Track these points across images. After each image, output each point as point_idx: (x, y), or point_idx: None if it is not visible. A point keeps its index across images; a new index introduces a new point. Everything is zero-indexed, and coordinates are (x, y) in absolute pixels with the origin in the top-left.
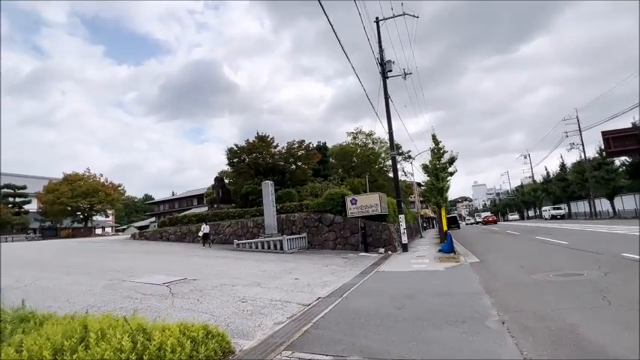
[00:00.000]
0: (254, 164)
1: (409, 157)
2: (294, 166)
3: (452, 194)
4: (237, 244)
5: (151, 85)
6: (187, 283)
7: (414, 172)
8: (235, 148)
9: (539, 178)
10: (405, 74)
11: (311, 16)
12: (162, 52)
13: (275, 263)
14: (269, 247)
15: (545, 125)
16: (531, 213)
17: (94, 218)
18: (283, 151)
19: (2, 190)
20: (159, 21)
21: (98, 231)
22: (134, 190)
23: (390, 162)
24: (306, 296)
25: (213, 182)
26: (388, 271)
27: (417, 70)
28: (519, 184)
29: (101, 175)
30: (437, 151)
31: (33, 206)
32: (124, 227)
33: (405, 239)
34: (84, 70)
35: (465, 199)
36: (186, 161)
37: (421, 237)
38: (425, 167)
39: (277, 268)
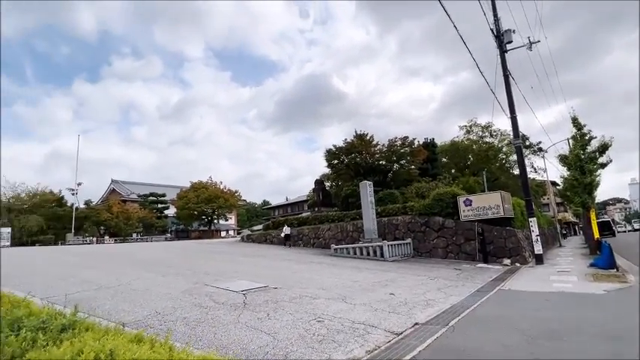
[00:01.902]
0: (353, 165)
1: (540, 149)
2: (396, 166)
3: (600, 194)
4: (335, 249)
5: (269, 101)
6: (266, 292)
7: (546, 168)
8: (334, 149)
9: None
10: (531, 43)
11: (415, 16)
12: (277, 71)
13: (371, 272)
14: (368, 254)
15: None
16: None
17: (220, 222)
18: (384, 149)
19: (149, 198)
20: (274, 43)
21: (223, 233)
22: (255, 197)
23: (513, 157)
24: (398, 320)
25: (314, 186)
26: (517, 291)
27: (544, 53)
28: None
29: (221, 182)
30: (580, 138)
31: (171, 211)
32: (242, 230)
33: (538, 248)
34: (216, 94)
35: (618, 200)
36: (300, 169)
37: (560, 246)
38: (563, 159)
39: (372, 279)
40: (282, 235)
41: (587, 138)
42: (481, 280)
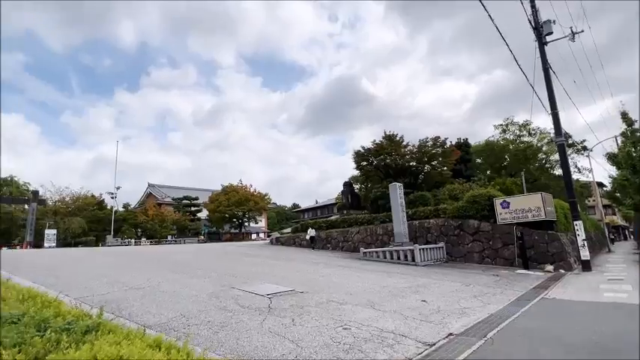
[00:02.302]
0: (383, 166)
1: (584, 148)
2: (428, 167)
3: None
4: (364, 253)
5: (299, 106)
6: (292, 297)
7: (592, 168)
8: (362, 151)
9: None
10: (574, 34)
11: (446, 15)
12: (307, 76)
13: (402, 277)
14: (398, 258)
15: None
16: None
17: (251, 224)
18: (414, 150)
19: (183, 201)
20: (303, 49)
21: (253, 236)
22: (285, 200)
23: (554, 156)
24: (431, 330)
25: (342, 188)
26: (563, 300)
27: (588, 46)
28: None
29: (250, 185)
30: (631, 134)
31: (204, 214)
32: (272, 233)
33: (585, 254)
34: (247, 100)
35: None
36: (329, 172)
37: (609, 251)
38: (612, 157)
39: (402, 284)
40: (308, 237)
41: (638, 134)
42: (521, 288)
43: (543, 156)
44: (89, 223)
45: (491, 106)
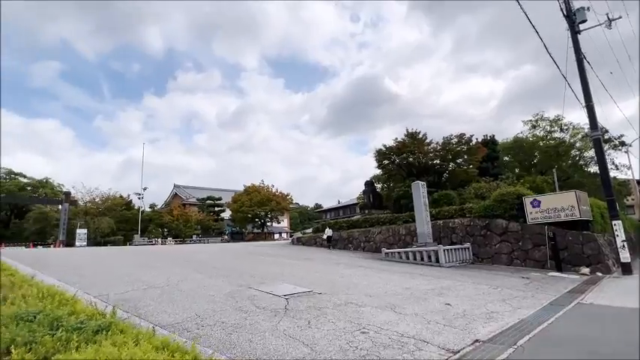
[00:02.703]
0: (405, 165)
1: (622, 144)
2: (452, 165)
3: None
4: (386, 254)
5: (320, 106)
6: (310, 298)
7: (631, 165)
8: (384, 149)
9: None
10: (610, 20)
11: (471, 11)
12: (329, 76)
13: (425, 279)
14: (422, 259)
15: None
16: None
17: (273, 224)
18: (438, 147)
19: (206, 202)
20: (325, 49)
21: (276, 236)
22: (308, 200)
23: (589, 152)
24: (455, 335)
25: (363, 187)
26: (601, 306)
27: (626, 34)
28: None
29: (272, 185)
30: None
31: (227, 214)
32: (295, 233)
33: (625, 256)
34: (270, 101)
35: None
36: (352, 172)
37: None
38: None
39: (426, 286)
40: (325, 237)
41: None
42: (554, 291)
43: (577, 152)
44: (117, 222)
45: (518, 103)
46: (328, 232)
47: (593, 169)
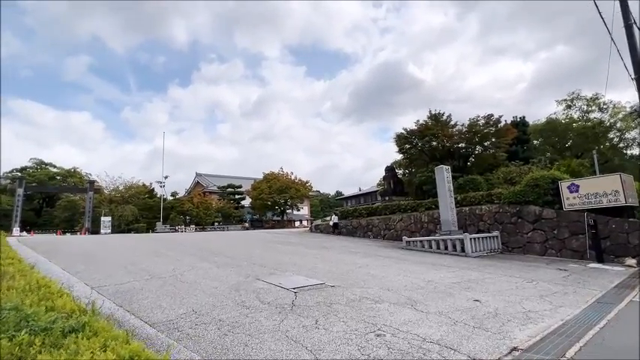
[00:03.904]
0: (428, 149)
1: None
2: (479, 148)
3: None
4: (407, 242)
5: (343, 93)
6: (320, 291)
7: None
8: (405, 133)
9: None
10: None
11: None
12: (350, 63)
13: (450, 271)
14: (446, 248)
15: None
16: None
17: (293, 212)
18: (464, 130)
19: (227, 189)
20: (347, 36)
21: (297, 223)
22: (330, 188)
23: (632, 133)
24: (487, 341)
25: (384, 173)
26: None
27: None
28: None
29: (292, 172)
30: None
31: (248, 202)
32: (315, 220)
33: None
34: (292, 90)
35: None
36: (374, 159)
37: None
38: None
39: (450, 279)
40: (331, 223)
41: None
42: (599, 286)
43: (617, 133)
44: (141, 210)
45: (550, 86)
46: (334, 218)
47: (636, 151)
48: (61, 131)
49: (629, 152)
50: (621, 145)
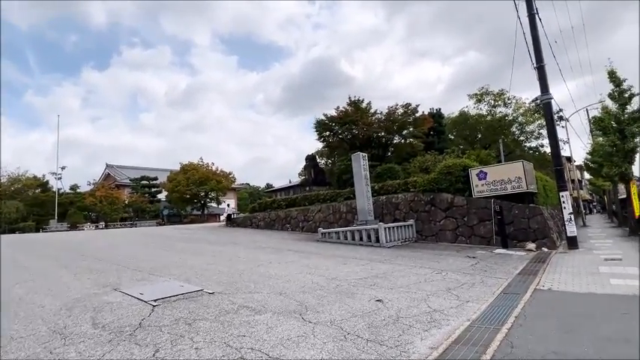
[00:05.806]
0: (348, 138)
1: (560, 118)
2: (398, 138)
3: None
4: (323, 234)
5: (276, 86)
6: (190, 302)
7: (569, 138)
8: (325, 120)
9: None
10: None
11: None
12: (284, 56)
13: (360, 264)
14: (361, 239)
15: None
16: None
17: (219, 205)
18: (383, 118)
19: (141, 182)
20: (280, 29)
21: (222, 217)
22: (263, 181)
23: (531, 127)
24: None
25: (305, 162)
26: (562, 292)
27: (564, 27)
28: None
29: (212, 163)
30: (618, 95)
31: (164, 195)
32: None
33: (572, 230)
34: (224, 80)
35: None
36: (307, 152)
37: (584, 225)
38: (598, 122)
39: (357, 274)
40: (225, 215)
41: (627, 95)
42: (505, 274)
43: (519, 127)
44: (30, 206)
45: (464, 88)
46: (228, 210)
47: (533, 144)
48: None
49: (528, 144)
50: (522, 138)
